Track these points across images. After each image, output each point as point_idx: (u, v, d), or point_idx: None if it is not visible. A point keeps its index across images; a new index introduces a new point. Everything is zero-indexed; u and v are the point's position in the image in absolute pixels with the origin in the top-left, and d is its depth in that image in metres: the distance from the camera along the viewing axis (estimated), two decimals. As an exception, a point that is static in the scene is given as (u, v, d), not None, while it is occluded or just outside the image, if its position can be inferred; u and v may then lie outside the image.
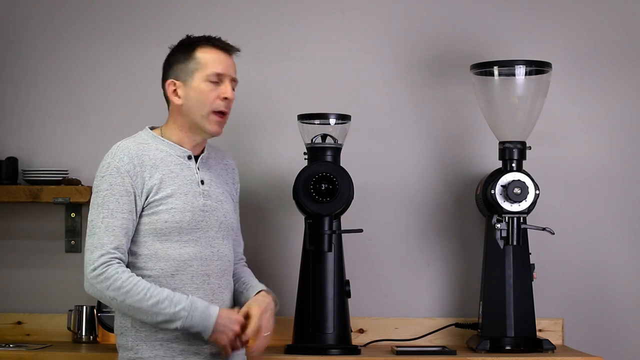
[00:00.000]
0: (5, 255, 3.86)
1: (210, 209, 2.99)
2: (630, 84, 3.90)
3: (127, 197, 2.91)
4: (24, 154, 3.86)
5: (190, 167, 3.00)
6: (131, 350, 2.94)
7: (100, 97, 3.89)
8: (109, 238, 2.87)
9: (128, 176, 2.91)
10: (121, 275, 2.85)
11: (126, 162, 2.92)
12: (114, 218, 2.89)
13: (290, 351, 3.51)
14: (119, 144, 2.99)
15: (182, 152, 3.01)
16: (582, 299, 3.86)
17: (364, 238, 3.73)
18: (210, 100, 2.98)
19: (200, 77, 2.98)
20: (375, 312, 3.84)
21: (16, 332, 3.81)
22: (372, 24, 3.91)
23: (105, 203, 2.90)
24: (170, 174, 2.96)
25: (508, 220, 3.53)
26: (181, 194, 2.96)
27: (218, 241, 3.00)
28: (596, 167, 3.88)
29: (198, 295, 2.93)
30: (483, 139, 3.81)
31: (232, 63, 3.02)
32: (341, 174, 3.50)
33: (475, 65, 3.59)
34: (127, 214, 2.90)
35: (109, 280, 2.84)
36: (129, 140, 3.01)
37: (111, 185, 2.91)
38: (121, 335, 2.97)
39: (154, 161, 2.96)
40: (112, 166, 2.93)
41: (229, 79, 3.00)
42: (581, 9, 3.91)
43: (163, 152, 2.99)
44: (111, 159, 2.94)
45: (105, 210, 2.89)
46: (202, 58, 3.00)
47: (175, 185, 2.96)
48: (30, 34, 3.89)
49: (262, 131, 3.84)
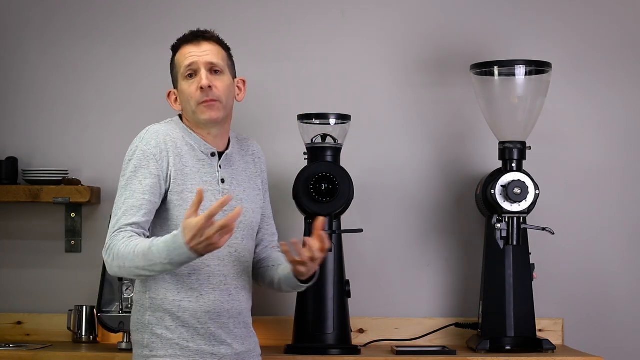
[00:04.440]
0: (5, 255, 3.86)
1: (229, 208, 2.88)
2: (630, 84, 3.90)
3: (150, 179, 2.88)
4: (24, 154, 3.86)
5: (212, 164, 2.97)
6: (147, 347, 2.92)
7: (100, 97, 3.89)
8: (125, 217, 2.84)
9: (154, 159, 2.90)
10: (116, 243, 2.80)
11: (153, 146, 2.91)
12: (134, 199, 2.86)
13: (290, 351, 3.51)
14: (149, 127, 2.97)
15: (206, 148, 2.98)
16: (582, 299, 3.86)
17: (364, 238, 3.73)
18: (191, 95, 2.95)
19: (180, 78, 2.98)
20: (375, 312, 3.84)
21: (16, 332, 3.81)
22: (372, 24, 3.91)
23: (129, 185, 2.88)
24: (192, 168, 2.94)
25: (508, 220, 3.53)
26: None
27: (237, 241, 2.96)
28: (596, 167, 3.88)
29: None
30: (483, 139, 3.81)
31: (204, 49, 2.96)
32: (341, 174, 3.50)
33: (475, 65, 3.59)
34: (148, 195, 2.86)
35: (112, 251, 2.80)
36: (159, 125, 2.99)
37: (136, 168, 2.89)
38: (137, 331, 2.95)
39: (179, 151, 2.94)
40: (139, 149, 2.91)
41: (203, 66, 2.95)
42: (581, 9, 3.91)
43: (188, 146, 2.96)
44: (139, 142, 2.93)
45: (128, 192, 2.87)
46: (178, 59, 3.00)
47: (195, 181, 2.93)
48: (30, 34, 3.89)
49: (262, 131, 3.83)
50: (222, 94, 2.95)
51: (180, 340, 2.90)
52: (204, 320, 2.91)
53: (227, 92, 2.97)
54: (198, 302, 2.91)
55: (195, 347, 2.90)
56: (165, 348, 2.90)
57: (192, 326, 2.91)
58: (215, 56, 2.97)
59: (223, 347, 2.93)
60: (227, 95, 2.98)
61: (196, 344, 2.91)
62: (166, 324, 2.90)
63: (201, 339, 2.91)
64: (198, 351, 2.91)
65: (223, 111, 2.96)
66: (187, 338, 2.90)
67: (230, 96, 2.99)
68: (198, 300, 2.91)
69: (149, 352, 2.92)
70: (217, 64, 2.97)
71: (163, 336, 2.90)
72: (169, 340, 2.90)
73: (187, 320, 2.90)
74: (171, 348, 2.90)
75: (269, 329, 3.74)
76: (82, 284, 3.80)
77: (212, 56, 2.96)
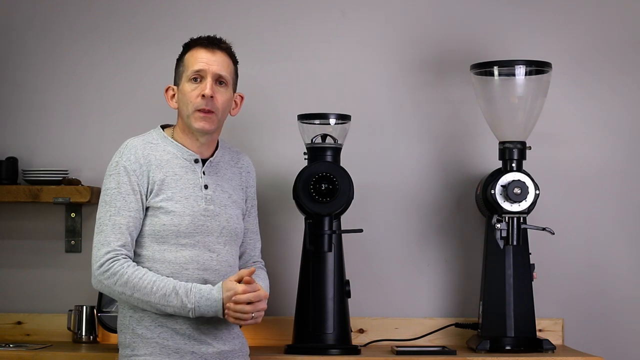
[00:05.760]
0: (5, 255, 3.86)
1: (212, 214, 3.00)
2: (630, 83, 3.90)
3: (133, 196, 2.95)
4: (24, 154, 3.86)
5: (195, 170, 3.02)
6: (128, 347, 2.98)
7: (100, 97, 3.89)
8: (115, 235, 2.92)
9: (134, 175, 2.95)
10: (127, 270, 2.88)
11: (133, 161, 2.96)
12: (121, 216, 2.93)
13: (290, 351, 3.51)
14: (127, 142, 3.02)
15: (189, 155, 3.02)
16: (582, 299, 3.86)
17: (364, 238, 3.73)
18: (192, 99, 2.99)
19: (185, 78, 3.01)
20: (375, 312, 3.84)
21: (16, 332, 3.81)
22: (372, 24, 3.91)
23: (113, 201, 2.95)
24: (174, 176, 2.99)
25: (508, 220, 3.53)
26: (182, 197, 2.98)
27: (219, 246, 3.01)
28: (596, 167, 3.88)
29: None
30: (483, 139, 3.81)
31: (216, 59, 3.01)
32: (341, 174, 3.50)
33: (475, 65, 3.59)
34: (133, 212, 2.94)
35: (116, 275, 2.88)
36: (137, 138, 3.04)
37: (118, 183, 2.95)
38: (121, 332, 3.01)
39: (159, 161, 2.99)
40: (119, 165, 2.97)
41: (210, 75, 2.98)
42: (581, 9, 3.91)
43: (170, 154, 3.01)
44: (119, 157, 2.98)
45: (113, 209, 2.94)
46: (187, 59, 3.03)
47: (177, 188, 2.98)
48: (30, 34, 3.89)
49: (262, 131, 3.83)
50: (220, 107, 3.01)
51: (159, 339, 2.94)
52: (182, 320, 2.95)
53: (225, 106, 3.03)
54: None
55: (174, 346, 2.94)
56: (145, 347, 2.95)
57: (170, 326, 2.95)
58: (224, 68, 3.01)
59: (204, 346, 2.96)
60: (224, 109, 3.03)
61: (176, 342, 2.95)
62: (146, 324, 2.95)
63: (180, 338, 2.95)
64: (178, 350, 2.95)
65: (216, 124, 3.02)
66: (166, 337, 2.95)
67: (226, 110, 3.05)
68: None
69: (130, 351, 2.97)
70: (224, 76, 3.01)
71: (143, 335, 2.95)
72: (149, 339, 2.95)
73: (165, 320, 2.95)
74: (151, 347, 2.95)
75: (269, 329, 3.74)
76: (82, 284, 3.79)
77: (222, 68, 3.01)
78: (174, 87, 3.06)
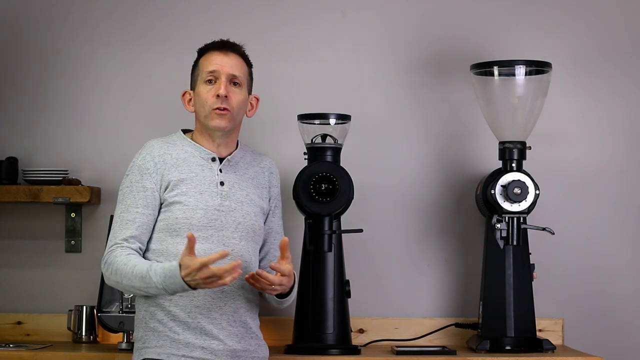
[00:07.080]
0: (5, 255, 3.86)
1: (227, 209, 3.05)
2: (630, 83, 3.90)
3: (143, 193, 3.01)
4: (24, 154, 3.86)
5: (212, 168, 3.08)
6: (140, 340, 3.04)
7: (100, 97, 3.89)
8: (121, 231, 2.99)
9: (147, 174, 3.03)
10: (116, 258, 2.95)
11: (147, 160, 3.05)
12: (128, 212, 3.01)
13: (290, 351, 3.51)
14: (147, 143, 3.12)
15: (206, 154, 3.09)
16: (582, 299, 3.86)
17: (364, 238, 3.73)
18: (207, 100, 3.06)
19: (200, 81, 3.09)
20: (375, 312, 3.84)
21: (16, 332, 3.81)
22: (372, 24, 3.91)
23: (124, 200, 3.04)
24: (190, 173, 3.05)
25: (508, 220, 3.53)
26: (196, 192, 3.03)
27: (234, 241, 3.04)
28: (596, 167, 3.88)
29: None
30: (483, 139, 3.81)
31: (229, 61, 3.08)
32: (341, 174, 3.50)
33: (475, 65, 3.59)
34: (141, 208, 3.00)
35: (111, 266, 2.95)
36: (157, 139, 3.13)
37: (131, 183, 3.05)
38: (136, 327, 3.08)
39: (176, 160, 3.06)
40: (135, 165, 3.07)
41: (224, 76, 3.05)
42: (581, 8, 3.91)
43: (187, 153, 3.09)
44: (136, 157, 3.08)
45: (123, 206, 3.03)
46: (202, 63, 3.11)
47: (192, 184, 3.04)
48: (30, 34, 3.89)
49: (262, 131, 3.83)
50: (235, 106, 3.07)
51: (171, 333, 2.98)
52: (194, 314, 2.99)
53: (239, 105, 3.09)
54: (188, 296, 2.98)
55: (185, 340, 2.98)
56: (156, 339, 3.00)
57: (182, 320, 2.99)
58: (238, 69, 3.09)
59: (214, 342, 2.99)
60: (239, 108, 3.09)
61: (186, 337, 2.98)
62: (158, 318, 3.00)
63: (191, 332, 2.98)
64: (188, 344, 2.98)
65: (232, 122, 3.08)
66: (177, 331, 2.98)
67: (242, 110, 3.12)
68: (188, 295, 2.98)
69: (142, 344, 3.03)
70: (238, 76, 3.08)
71: (155, 329, 3.00)
72: (160, 332, 2.99)
73: (178, 314, 2.99)
74: (162, 339, 2.99)
75: (269, 329, 3.73)
76: (82, 284, 3.80)
77: (235, 69, 3.08)
78: (190, 91, 3.13)
